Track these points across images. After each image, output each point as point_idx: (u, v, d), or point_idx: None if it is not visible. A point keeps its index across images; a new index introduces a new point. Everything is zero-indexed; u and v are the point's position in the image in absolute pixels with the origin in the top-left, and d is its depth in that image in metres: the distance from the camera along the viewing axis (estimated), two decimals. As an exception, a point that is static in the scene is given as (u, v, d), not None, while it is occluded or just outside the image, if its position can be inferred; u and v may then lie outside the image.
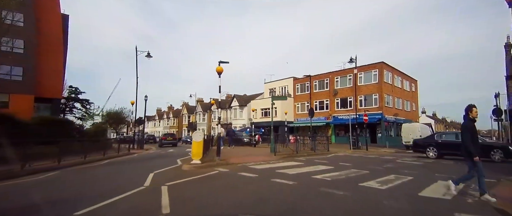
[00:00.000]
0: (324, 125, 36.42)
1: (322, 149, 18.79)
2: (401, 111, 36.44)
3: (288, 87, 42.07)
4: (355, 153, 20.66)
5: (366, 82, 33.20)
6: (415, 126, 29.91)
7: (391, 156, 18.73)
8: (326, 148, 18.97)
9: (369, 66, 33.13)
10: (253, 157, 13.94)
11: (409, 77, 40.23)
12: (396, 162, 13.61)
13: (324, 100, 37.25)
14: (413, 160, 14.59)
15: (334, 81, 36.33)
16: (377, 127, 32.15)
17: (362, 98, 33.17)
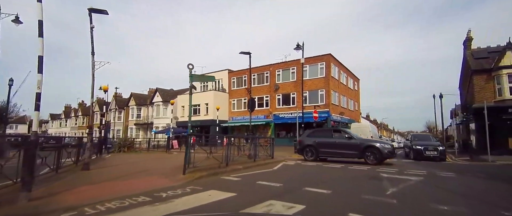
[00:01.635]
0: (264, 124, 32.14)
1: (263, 154, 14.10)
2: (346, 110, 34.11)
3: (222, 80, 37.04)
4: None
5: (312, 76, 29.92)
6: (365, 126, 27.43)
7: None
8: (270, 154, 14.31)
9: (315, 58, 29.92)
10: (132, 181, 7.50)
11: (353, 74, 38.53)
12: (396, 179, 9.39)
13: (264, 96, 33.11)
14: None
15: (276, 74, 32.41)
16: (323, 127, 28.84)
17: (307, 94, 29.75)
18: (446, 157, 16.53)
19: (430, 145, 16.44)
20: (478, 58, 22.59)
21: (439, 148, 16.12)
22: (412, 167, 11.94)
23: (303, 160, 14.88)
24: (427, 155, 16.03)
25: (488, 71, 20.90)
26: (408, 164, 13.88)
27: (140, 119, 43.01)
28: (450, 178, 9.16)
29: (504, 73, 19.98)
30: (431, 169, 11.27)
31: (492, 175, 9.93)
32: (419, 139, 18.26)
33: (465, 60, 25.14)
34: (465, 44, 24.67)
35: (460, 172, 10.32)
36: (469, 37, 24.25)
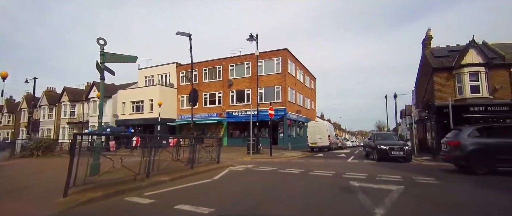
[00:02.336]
0: (215, 123, 29.44)
1: (208, 158, 11.56)
2: (302, 108, 32.63)
3: (169, 75, 33.64)
4: (257, 161, 14.49)
5: (268, 71, 27.88)
6: (323, 125, 25.98)
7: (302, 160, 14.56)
8: (215, 158, 11.77)
9: (271, 53, 27.94)
10: None
11: (310, 73, 37.35)
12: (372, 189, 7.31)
13: (216, 93, 30.40)
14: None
15: (229, 69, 29.84)
16: (279, 126, 27.02)
17: (262, 91, 27.62)
18: (411, 158, 15.30)
19: (395, 145, 15.14)
20: (438, 56, 22.11)
21: (405, 148, 14.90)
22: (381, 171, 10.17)
23: (255, 164, 12.60)
24: (393, 155, 14.70)
25: (449, 69, 20.32)
26: (374, 166, 12.20)
27: (74, 117, 37.85)
28: (436, 186, 7.47)
29: (465, 72, 19.47)
30: (404, 173, 9.60)
31: (476, 180, 8.40)
32: (383, 138, 16.96)
33: (423, 59, 24.72)
34: (424, 43, 24.17)
35: (440, 178, 8.67)
36: (429, 36, 23.78)
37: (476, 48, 19.62)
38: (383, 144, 15.16)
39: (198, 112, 30.93)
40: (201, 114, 30.57)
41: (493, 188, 7.34)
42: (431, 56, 22.41)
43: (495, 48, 21.11)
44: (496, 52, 20.60)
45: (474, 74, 19.45)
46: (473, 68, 19.38)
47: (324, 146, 24.82)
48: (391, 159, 14.66)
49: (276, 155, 18.84)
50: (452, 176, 9.11)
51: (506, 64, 19.53)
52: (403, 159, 14.84)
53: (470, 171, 9.46)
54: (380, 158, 14.88)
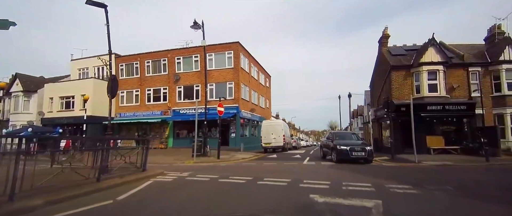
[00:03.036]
0: (160, 122, 26.42)
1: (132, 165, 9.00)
2: (257, 106, 30.78)
3: (107, 67, 29.69)
4: (200, 166, 12.26)
5: (219, 66, 25.58)
6: (278, 124, 24.34)
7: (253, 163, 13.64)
8: (140, 165, 9.22)
9: (222, 46, 25.70)
10: None
11: (264, 70, 35.61)
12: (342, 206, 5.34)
13: (161, 88, 27.36)
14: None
15: (175, 62, 26.98)
16: (231, 125, 24.85)
17: (213, 87, 25.23)
18: (373, 158, 14.02)
19: (356, 145, 13.75)
20: (395, 54, 21.59)
21: (367, 148, 13.55)
22: (345, 177, 8.48)
23: (194, 171, 10.32)
24: (354, 156, 13.29)
25: (407, 68, 19.81)
26: (335, 170, 10.54)
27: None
28: (417, 197, 5.94)
29: (424, 70, 18.96)
30: (372, 179, 7.98)
31: (460, 186, 6.98)
32: (342, 137, 15.55)
33: (379, 57, 24.18)
34: (381, 42, 23.63)
35: (415, 185, 7.09)
36: (386, 34, 23.26)
37: (436, 46, 19.25)
38: (344, 144, 13.72)
39: (140, 109, 27.70)
40: (144, 112, 27.35)
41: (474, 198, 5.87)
42: (388, 55, 21.82)
43: (452, 48, 20.97)
44: (454, 52, 20.48)
45: (432, 72, 19.04)
46: (432, 67, 18.99)
47: (279, 147, 23.17)
48: (352, 160, 13.32)
49: (224, 157, 16.70)
50: (425, 182, 7.64)
51: (464, 63, 19.47)
52: (364, 160, 13.60)
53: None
54: (340, 159, 13.47)
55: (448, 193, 6.24)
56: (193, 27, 17.09)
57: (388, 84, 20.55)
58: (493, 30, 21.67)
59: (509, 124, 18.14)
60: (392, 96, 19.38)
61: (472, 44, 22.33)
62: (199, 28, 17.13)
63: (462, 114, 18.66)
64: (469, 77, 19.34)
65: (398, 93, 19.64)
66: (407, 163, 13.75)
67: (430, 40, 19.41)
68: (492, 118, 18.59)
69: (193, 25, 16.99)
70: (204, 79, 19.11)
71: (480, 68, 19.36)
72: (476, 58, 19.96)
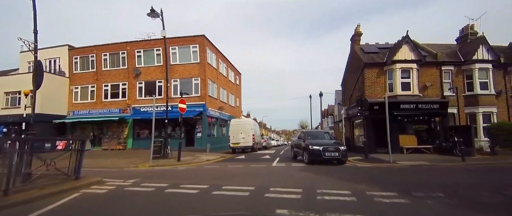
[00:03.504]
0: (118, 121, 24.24)
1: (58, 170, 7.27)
2: (226, 105, 29.32)
3: (60, 60, 27.06)
4: (154, 170, 10.71)
5: (183, 60, 23.86)
6: (247, 123, 23.03)
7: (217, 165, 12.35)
8: (72, 171, 7.49)
9: (187, 39, 24.05)
10: None
11: (234, 67, 34.19)
12: None
13: (120, 83, 25.16)
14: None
15: (136, 56, 24.90)
16: (197, 124, 23.20)
17: (177, 83, 23.50)
18: (347, 158, 13.10)
19: (330, 145, 12.73)
20: (368, 52, 21.05)
21: (341, 148, 12.60)
22: (319, 182, 7.33)
23: (143, 178, 8.79)
24: (327, 157, 12.29)
25: (380, 65, 19.26)
26: (307, 173, 9.37)
27: None
28: (409, 209, 4.77)
29: (397, 68, 18.46)
30: (350, 185, 6.90)
31: (451, 192, 6.01)
32: (314, 137, 14.52)
33: (352, 55, 23.64)
34: (353, 39, 23.10)
35: (401, 192, 6.04)
36: (358, 32, 22.76)
37: (410, 44, 18.80)
38: (316, 144, 12.66)
39: (96, 107, 25.31)
40: (100, 110, 25.00)
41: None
42: (361, 52, 21.24)
43: (425, 47, 20.68)
44: (427, 51, 20.18)
45: (406, 70, 18.59)
46: (406, 65, 18.52)
47: (248, 147, 21.88)
48: (325, 161, 12.32)
49: (187, 159, 15.16)
50: (410, 186, 6.63)
51: (437, 62, 19.18)
52: (337, 161, 12.67)
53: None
54: (312, 160, 12.42)
55: (442, 203, 5.19)
56: (151, 15, 15.45)
57: (361, 82, 19.92)
58: (465, 31, 21.78)
59: (481, 123, 18.03)
60: (365, 94, 18.72)
61: (444, 44, 22.28)
62: (157, 17, 15.50)
63: (435, 113, 18.36)
64: (442, 76, 19.10)
65: (371, 91, 19.05)
66: (382, 163, 13.01)
67: (404, 38, 18.95)
68: (464, 117, 18.40)
69: (150, 12, 15.33)
70: (166, 73, 17.47)
71: (453, 67, 19.17)
72: (449, 57, 19.79)
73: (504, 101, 18.87)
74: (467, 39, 21.27)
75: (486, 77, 18.69)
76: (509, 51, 20.18)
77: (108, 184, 7.60)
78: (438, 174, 9.42)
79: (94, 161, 15.44)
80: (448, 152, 16.21)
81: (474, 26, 21.44)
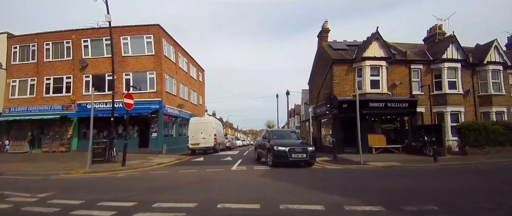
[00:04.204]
0: (60, 119, 21.46)
1: None
2: (187, 102, 27.34)
3: None
4: (88, 178, 8.99)
5: (137, 52, 21.64)
6: (209, 122, 21.34)
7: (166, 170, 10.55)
8: None
9: (139, 28, 21.89)
10: None
11: (196, 63, 32.13)
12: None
13: (64, 77, 22.33)
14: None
15: (82, 46, 22.23)
16: (152, 123, 21.06)
17: (130, 77, 21.27)
18: (315, 160, 11.90)
19: (296, 146, 11.49)
20: (336, 49, 20.21)
21: (309, 149, 11.38)
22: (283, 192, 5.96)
23: (51, 194, 6.94)
24: (294, 159, 10.99)
25: (349, 62, 18.44)
26: (270, 180, 7.94)
27: None
28: None
29: (367, 65, 17.70)
30: (322, 195, 5.62)
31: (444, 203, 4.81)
32: (280, 136, 13.16)
33: (319, 52, 22.77)
34: (320, 36, 22.28)
35: (386, 202, 4.76)
36: (325, 28, 21.96)
37: (379, 41, 18.11)
38: (281, 145, 11.31)
39: (36, 103, 22.24)
40: (41, 107, 21.96)
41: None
42: (329, 49, 20.34)
43: (394, 45, 20.16)
44: (396, 49, 19.66)
45: (375, 68, 17.87)
46: (375, 62, 17.81)
47: (209, 147, 20.13)
48: (291, 164, 11.01)
49: (134, 163, 13.25)
50: (394, 196, 5.40)
51: (407, 60, 18.68)
52: (305, 163, 11.47)
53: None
54: (277, 162, 11.12)
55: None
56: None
57: (330, 79, 18.97)
58: (433, 30, 21.64)
59: (449, 122, 17.73)
60: (334, 91, 17.77)
61: (411, 43, 22.03)
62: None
63: (404, 112, 17.79)
64: (411, 75, 18.65)
65: (340, 89, 18.16)
66: (351, 164, 12.02)
67: (374, 34, 18.24)
68: (432, 116, 18.00)
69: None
70: (112, 64, 15.41)
71: (422, 66, 18.82)
72: (417, 56, 19.43)
73: (471, 100, 18.80)
74: (435, 39, 21.13)
75: (455, 77, 18.48)
76: (477, 51, 20.29)
77: (6, 201, 5.69)
78: (419, 178, 8.49)
79: (23, 165, 13.18)
80: (417, 151, 15.68)
81: (442, 26, 21.38)
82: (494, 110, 18.41)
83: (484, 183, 7.37)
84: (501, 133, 15.15)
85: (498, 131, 15.06)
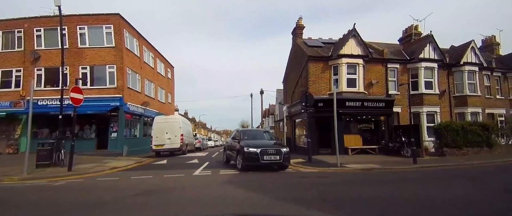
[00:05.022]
0: (6, 117, 19.11)
1: None
2: (154, 100, 25.57)
3: None
4: (19, 187, 7.54)
5: (95, 43, 19.68)
6: (175, 120, 19.85)
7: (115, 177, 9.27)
8: None
9: (98, 17, 19.88)
10: None
11: (165, 59, 30.31)
12: None
13: (14, 70, 19.91)
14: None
15: (34, 36, 19.97)
16: (112, 122, 19.22)
17: (86, 70, 19.34)
18: (290, 163, 10.85)
19: (269, 147, 10.32)
20: (312, 46, 19.40)
21: (283, 150, 10.23)
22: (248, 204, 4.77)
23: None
24: (266, 161, 9.86)
25: (325, 59, 17.68)
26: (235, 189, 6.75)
27: None
28: None
29: (343, 63, 17.01)
30: (299, 210, 4.46)
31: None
32: (251, 136, 11.93)
33: (294, 50, 21.96)
34: (295, 33, 21.52)
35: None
36: (300, 25, 21.24)
37: (357, 38, 17.51)
38: (253, 146, 10.13)
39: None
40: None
41: None
42: (304, 46, 19.54)
43: (370, 44, 19.60)
44: (373, 47, 19.09)
45: (352, 66, 17.24)
46: (352, 60, 17.19)
47: (175, 149, 18.56)
48: (263, 167, 9.93)
49: (84, 167, 11.63)
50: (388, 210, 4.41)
51: (384, 59, 18.20)
52: (278, 166, 10.41)
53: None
54: (247, 166, 9.93)
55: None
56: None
57: (305, 77, 18.11)
58: (409, 31, 21.47)
59: (425, 122, 17.37)
60: (309, 90, 16.88)
61: (387, 43, 21.75)
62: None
63: (381, 112, 17.22)
64: (388, 74, 18.17)
65: (315, 87, 17.37)
66: (328, 167, 11.16)
67: (350, 31, 17.57)
68: (408, 116, 17.55)
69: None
70: (61, 55, 13.68)
71: (399, 65, 18.42)
72: (394, 55, 18.99)
73: (447, 101, 18.60)
74: (410, 39, 20.92)
75: (431, 77, 18.22)
76: (453, 52, 20.26)
77: None
78: (403, 184, 7.60)
79: None
80: (395, 152, 15.21)
81: (418, 27, 21.27)
82: (469, 111, 18.30)
83: (484, 191, 6.50)
84: (478, 134, 14.88)
85: (476, 131, 14.76)
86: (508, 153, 14.92)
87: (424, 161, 12.80)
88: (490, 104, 19.89)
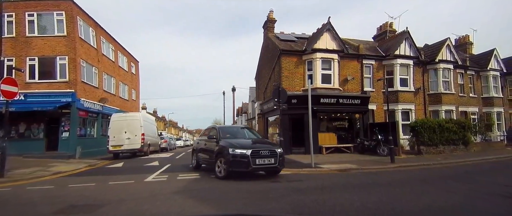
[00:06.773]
0: None
1: None
2: (114, 96, 23.76)
3: None
4: None
5: (44, 32, 17.71)
6: (135, 118, 18.26)
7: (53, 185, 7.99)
8: None
9: (47, 2, 17.88)
10: None
11: (128, 52, 28.30)
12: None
13: None
14: None
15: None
16: (63, 120, 17.42)
17: (35, 62, 17.43)
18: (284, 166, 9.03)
19: (262, 148, 8.36)
20: (285, 40, 18.60)
21: (278, 151, 8.36)
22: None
23: None
24: (259, 165, 8.00)
25: (299, 54, 16.94)
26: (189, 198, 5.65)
27: None
28: None
29: (318, 58, 16.34)
30: None
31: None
32: (233, 134, 9.83)
33: (266, 44, 21.14)
34: (266, 27, 20.69)
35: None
36: (271, 18, 20.44)
37: (331, 32, 16.92)
38: (239, 146, 8.23)
39: None
40: None
41: None
42: (276, 40, 18.70)
43: (345, 39, 19.13)
44: (348, 43, 18.61)
45: (326, 61, 16.60)
46: (327, 55, 16.57)
47: (135, 149, 16.98)
48: (254, 172, 8.46)
49: (22, 172, 10.11)
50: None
51: (359, 55, 17.75)
52: (274, 170, 8.64)
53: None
54: (232, 172, 8.05)
55: None
56: None
57: (278, 72, 17.31)
58: (383, 28, 21.38)
59: (400, 120, 17.10)
60: (282, 85, 16.10)
61: (362, 40, 21.42)
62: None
63: (356, 109, 16.73)
64: (363, 70, 17.75)
65: (289, 82, 16.60)
66: (301, 168, 10.41)
67: (325, 25, 16.96)
68: (383, 114, 17.23)
69: None
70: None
71: (374, 62, 18.09)
72: (370, 52, 18.63)
73: (421, 98, 18.52)
74: (385, 37, 20.77)
75: (407, 74, 18.03)
76: (428, 50, 20.34)
77: None
78: (387, 188, 6.94)
79: None
80: (370, 151, 14.76)
81: (393, 24, 21.20)
82: (444, 109, 18.31)
83: (479, 197, 5.81)
84: (455, 132, 14.75)
85: (452, 129, 14.60)
86: (483, 151, 14.96)
87: (401, 160, 12.38)
88: (463, 102, 20.11)
